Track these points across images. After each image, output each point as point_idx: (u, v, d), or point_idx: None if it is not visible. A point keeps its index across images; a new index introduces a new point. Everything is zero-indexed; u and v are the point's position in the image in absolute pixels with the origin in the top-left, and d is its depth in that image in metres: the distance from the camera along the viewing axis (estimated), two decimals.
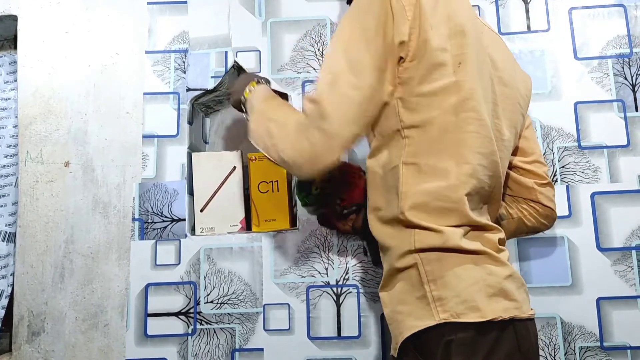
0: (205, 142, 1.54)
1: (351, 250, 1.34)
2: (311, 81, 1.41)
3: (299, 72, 1.42)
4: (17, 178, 1.48)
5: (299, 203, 1.27)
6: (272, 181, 1.37)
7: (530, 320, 0.87)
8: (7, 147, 1.50)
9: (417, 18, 0.84)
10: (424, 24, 0.84)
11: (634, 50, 1.36)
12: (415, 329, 0.82)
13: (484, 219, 0.90)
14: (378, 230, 0.93)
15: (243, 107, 1.07)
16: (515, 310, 0.82)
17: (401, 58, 0.85)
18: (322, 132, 0.84)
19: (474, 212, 0.87)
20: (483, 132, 0.88)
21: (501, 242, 0.90)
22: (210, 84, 1.43)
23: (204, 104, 1.49)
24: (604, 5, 1.39)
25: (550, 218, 1.12)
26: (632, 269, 1.28)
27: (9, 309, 1.41)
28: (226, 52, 1.44)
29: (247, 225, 1.38)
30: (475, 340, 0.80)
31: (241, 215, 1.38)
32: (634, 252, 1.28)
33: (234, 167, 1.39)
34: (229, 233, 1.36)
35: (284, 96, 1.42)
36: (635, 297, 1.27)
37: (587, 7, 1.40)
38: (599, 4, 1.39)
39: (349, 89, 0.84)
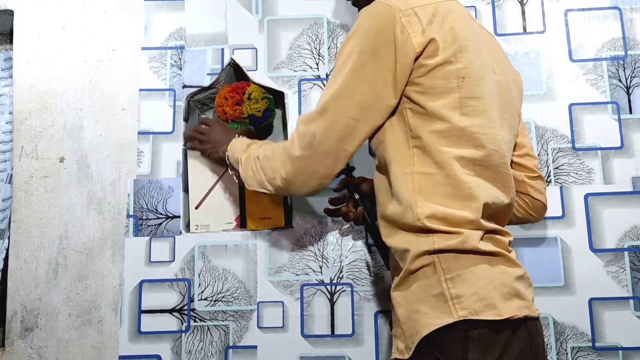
0: None
1: (345, 249, 1.34)
2: (307, 80, 1.41)
3: (295, 71, 1.42)
4: (8, 174, 1.47)
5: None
6: None
7: (538, 319, 0.89)
8: (0, 143, 1.50)
9: (425, 43, 0.86)
10: (431, 46, 0.87)
11: (629, 52, 1.37)
12: (434, 327, 0.82)
13: (495, 224, 0.91)
14: (392, 236, 0.93)
15: (227, 162, 1.18)
16: (526, 309, 0.85)
17: (411, 73, 0.88)
18: (311, 149, 0.93)
19: (488, 218, 0.89)
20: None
21: (510, 243, 0.93)
22: (207, 81, 1.43)
23: (199, 101, 1.49)
24: (600, 7, 1.40)
25: (539, 210, 1.14)
26: (625, 270, 1.29)
27: (0, 305, 1.41)
28: (223, 50, 1.44)
29: (242, 223, 1.39)
30: (491, 338, 0.81)
31: (236, 213, 1.38)
32: (626, 253, 1.29)
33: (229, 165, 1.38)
34: (223, 231, 1.36)
35: (281, 94, 1.42)
36: (627, 298, 1.28)
37: (582, 9, 1.40)
38: (594, 6, 1.40)
39: (341, 114, 0.91)
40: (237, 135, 1.20)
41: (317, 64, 1.42)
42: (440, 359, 0.82)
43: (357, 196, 1.19)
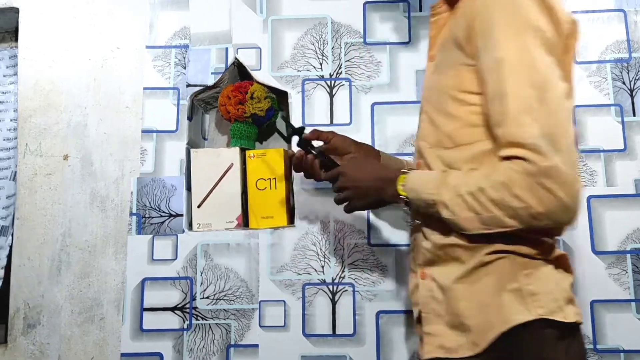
0: (204, 138, 1.54)
1: (348, 248, 1.34)
2: (311, 79, 1.41)
3: (299, 70, 1.42)
4: (12, 171, 1.48)
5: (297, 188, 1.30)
6: (269, 178, 1.38)
7: None
8: (4, 140, 1.50)
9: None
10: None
11: (633, 55, 1.37)
12: (513, 322, 0.80)
13: None
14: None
15: (403, 203, 0.91)
16: (580, 316, 0.86)
17: None
18: (562, 165, 0.74)
19: None
20: None
21: None
22: (211, 81, 1.43)
23: (203, 100, 1.50)
24: (604, 9, 1.40)
25: None
26: (626, 272, 1.28)
27: (2, 301, 1.41)
28: (227, 49, 1.44)
29: (244, 222, 1.39)
30: (559, 340, 0.81)
31: (238, 211, 1.38)
32: (628, 255, 1.29)
33: (232, 164, 1.39)
34: (225, 229, 1.37)
35: (284, 94, 1.42)
36: (629, 301, 1.27)
37: (587, 12, 1.40)
38: (599, 8, 1.40)
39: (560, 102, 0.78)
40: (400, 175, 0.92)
41: (321, 64, 1.42)
42: (513, 356, 0.80)
43: (314, 151, 1.12)
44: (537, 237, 0.84)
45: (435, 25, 0.96)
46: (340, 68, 1.42)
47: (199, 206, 1.39)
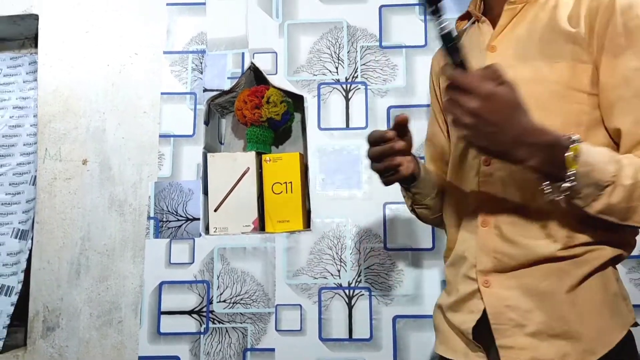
0: (221, 143, 1.55)
1: (364, 252, 1.34)
2: (327, 83, 1.42)
3: (315, 75, 1.42)
4: (32, 176, 1.50)
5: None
6: (286, 182, 1.38)
7: None
8: (24, 145, 1.53)
9: None
10: None
11: None
12: (627, 328, 0.80)
13: None
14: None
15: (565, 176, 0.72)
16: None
17: None
18: None
19: None
20: None
21: None
22: (227, 85, 1.44)
23: (220, 105, 1.51)
24: None
25: None
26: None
27: (21, 305, 1.43)
28: (243, 54, 1.45)
29: (261, 226, 1.39)
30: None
31: (254, 215, 1.38)
32: None
33: (248, 168, 1.40)
34: (242, 233, 1.37)
35: (300, 98, 1.43)
36: None
37: None
38: None
39: None
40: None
41: (337, 68, 1.42)
42: None
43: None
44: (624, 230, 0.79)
45: (507, 14, 0.88)
46: (356, 72, 1.42)
47: (215, 210, 1.39)
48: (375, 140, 0.84)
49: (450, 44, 0.73)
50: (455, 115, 0.70)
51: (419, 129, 1.35)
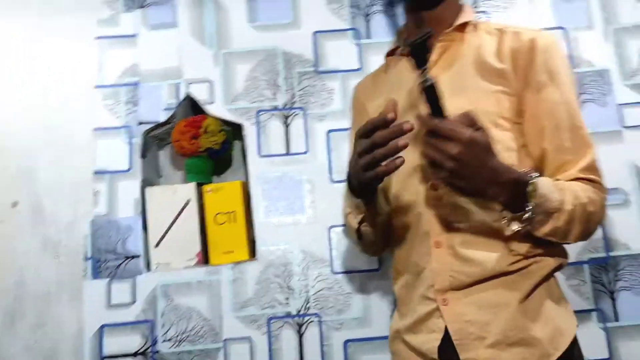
0: (160, 176, 1.51)
1: (311, 278, 1.32)
2: (265, 110, 1.41)
3: (252, 102, 1.42)
4: None
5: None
6: (228, 212, 1.36)
7: None
8: None
9: None
10: None
11: (576, 70, 1.41)
12: (575, 327, 0.89)
13: None
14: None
15: (524, 208, 0.81)
16: None
17: None
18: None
19: None
20: None
21: None
22: (163, 117, 1.41)
23: (157, 137, 1.48)
24: (546, 28, 1.44)
25: None
26: (586, 282, 1.30)
27: None
28: (178, 84, 1.43)
29: (205, 259, 1.36)
30: None
31: (197, 248, 1.35)
32: (585, 266, 1.31)
33: (189, 200, 1.37)
34: (185, 268, 1.34)
35: (239, 126, 1.42)
36: (590, 311, 1.29)
37: None
38: (540, 27, 1.44)
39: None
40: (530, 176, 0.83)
41: (275, 94, 1.42)
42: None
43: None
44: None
45: (437, 51, 0.97)
46: (293, 98, 1.42)
47: (156, 245, 1.35)
48: (374, 126, 0.80)
49: (433, 95, 0.79)
50: (437, 159, 0.77)
51: None
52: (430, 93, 0.78)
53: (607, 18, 1.44)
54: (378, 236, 1.04)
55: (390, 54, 1.11)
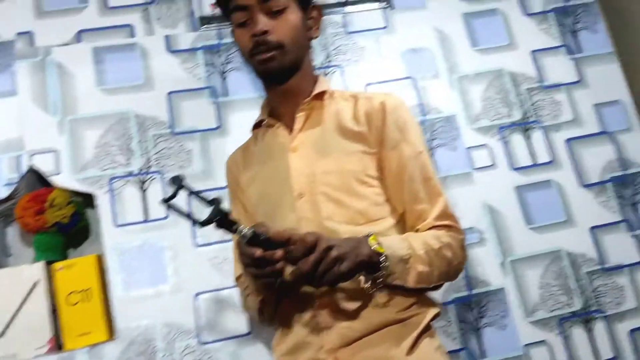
0: (8, 255, 1.38)
1: (177, 352, 1.25)
2: (119, 177, 1.34)
3: (104, 170, 1.35)
4: None
5: None
6: (82, 290, 1.26)
7: None
8: None
9: None
10: None
11: (427, 117, 1.47)
12: None
13: None
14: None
15: (379, 262, 0.86)
16: None
17: None
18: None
19: None
20: None
21: None
22: (4, 193, 1.30)
23: (2, 214, 1.35)
24: (396, 78, 1.50)
25: None
26: (611, 198, 1.47)
27: None
28: (20, 156, 1.33)
29: (58, 345, 1.24)
30: None
31: (49, 334, 1.23)
32: (609, 184, 1.47)
33: (37, 281, 1.25)
34: (35, 357, 1.21)
35: (90, 196, 1.33)
36: (619, 222, 1.45)
37: (382, 82, 1.49)
38: (391, 78, 1.50)
39: None
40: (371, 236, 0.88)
41: (129, 159, 1.36)
42: None
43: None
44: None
45: (299, 120, 1.03)
46: (149, 162, 1.37)
47: (1, 335, 1.22)
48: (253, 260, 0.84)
49: (258, 241, 0.83)
50: (300, 270, 0.81)
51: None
52: (255, 241, 0.83)
53: (450, 67, 1.52)
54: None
55: (257, 126, 1.13)
